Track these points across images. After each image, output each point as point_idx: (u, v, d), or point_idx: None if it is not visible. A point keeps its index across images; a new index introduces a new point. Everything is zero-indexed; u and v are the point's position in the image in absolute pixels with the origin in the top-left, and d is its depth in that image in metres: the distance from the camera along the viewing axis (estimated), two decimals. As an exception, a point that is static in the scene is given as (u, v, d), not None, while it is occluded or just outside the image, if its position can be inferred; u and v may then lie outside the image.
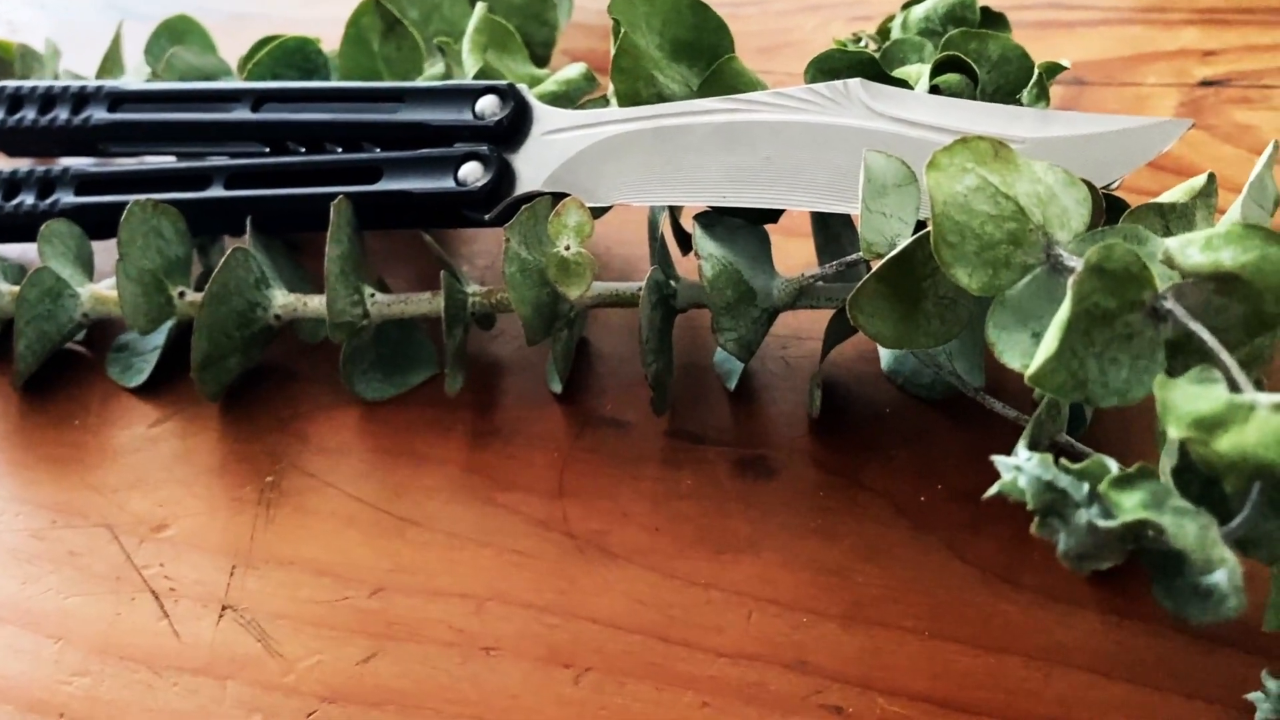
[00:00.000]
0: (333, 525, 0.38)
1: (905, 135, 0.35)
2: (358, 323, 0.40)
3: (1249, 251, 0.25)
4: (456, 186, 0.40)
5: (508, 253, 0.37)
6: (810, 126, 0.37)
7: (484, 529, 0.37)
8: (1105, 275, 0.24)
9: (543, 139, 0.40)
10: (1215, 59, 0.59)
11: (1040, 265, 0.28)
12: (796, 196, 0.36)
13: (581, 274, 0.37)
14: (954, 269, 0.27)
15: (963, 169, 0.28)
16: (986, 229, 0.28)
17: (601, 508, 0.37)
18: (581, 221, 0.37)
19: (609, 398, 0.41)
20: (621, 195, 0.39)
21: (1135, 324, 0.25)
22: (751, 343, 0.38)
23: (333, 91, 0.43)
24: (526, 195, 0.40)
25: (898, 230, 0.33)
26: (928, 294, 0.31)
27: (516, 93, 0.41)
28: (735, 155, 0.37)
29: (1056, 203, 0.28)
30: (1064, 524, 0.23)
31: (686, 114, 0.39)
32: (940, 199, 0.27)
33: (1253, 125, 0.53)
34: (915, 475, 0.37)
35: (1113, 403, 0.25)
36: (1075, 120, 0.34)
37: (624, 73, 0.40)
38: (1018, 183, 0.28)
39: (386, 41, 0.48)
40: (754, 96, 0.38)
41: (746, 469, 0.38)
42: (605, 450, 0.39)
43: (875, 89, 0.37)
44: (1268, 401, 0.22)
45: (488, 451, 0.39)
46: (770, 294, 0.38)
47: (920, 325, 0.31)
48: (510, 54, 0.47)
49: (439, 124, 0.41)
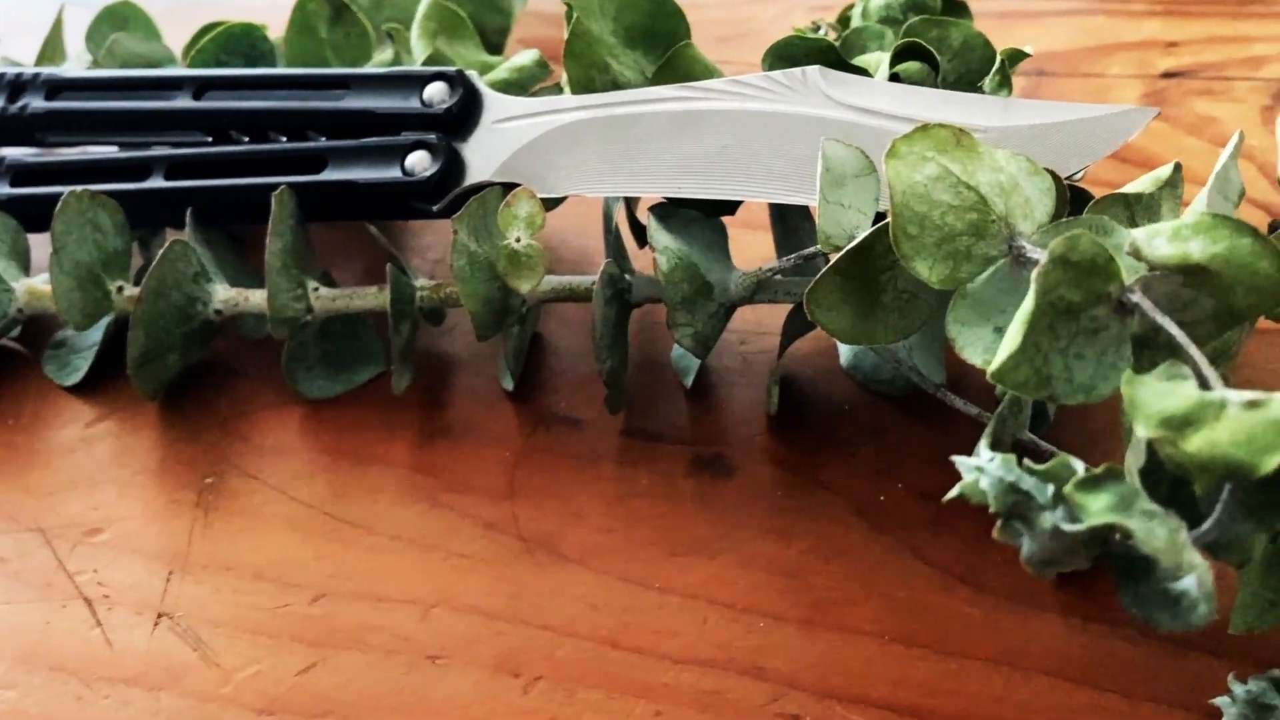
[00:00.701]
0: (274, 528, 0.36)
1: (864, 124, 0.34)
2: (300, 318, 0.39)
3: (1218, 242, 0.24)
4: (403, 176, 0.38)
5: (456, 245, 0.36)
6: (767, 115, 0.36)
7: (431, 532, 0.35)
8: (1070, 267, 0.24)
9: (493, 127, 0.39)
10: (1178, 50, 0.58)
11: (1003, 257, 0.27)
12: (754, 187, 0.35)
13: (533, 267, 0.36)
14: (914, 261, 0.26)
15: (923, 157, 0.27)
16: (947, 220, 0.27)
17: (553, 509, 0.36)
18: (533, 213, 0.36)
19: (563, 395, 0.40)
20: (574, 186, 0.37)
21: (1101, 318, 0.24)
22: (708, 338, 0.37)
23: (276, 79, 0.42)
24: (476, 185, 0.38)
25: (856, 222, 0.32)
26: (887, 287, 0.30)
27: (466, 80, 0.39)
28: (691, 144, 0.36)
29: (1019, 192, 0.27)
30: (1028, 527, 0.22)
31: (641, 102, 0.37)
32: (900, 188, 0.26)
33: (1215, 117, 0.53)
34: (875, 473, 0.36)
35: (1078, 400, 0.24)
36: (1039, 109, 0.33)
37: (577, 59, 0.38)
38: (979, 172, 0.27)
39: (335, 28, 0.47)
40: (710, 84, 0.37)
41: (704, 468, 0.37)
42: (558, 449, 0.38)
43: (834, 76, 0.36)
44: (1239, 399, 0.21)
45: (436, 451, 0.38)
46: (727, 288, 0.37)
47: (880, 320, 0.30)
48: (461, 40, 0.46)
49: (386, 112, 0.40)
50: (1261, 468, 0.20)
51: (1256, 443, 0.20)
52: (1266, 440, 0.20)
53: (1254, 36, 0.59)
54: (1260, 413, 0.20)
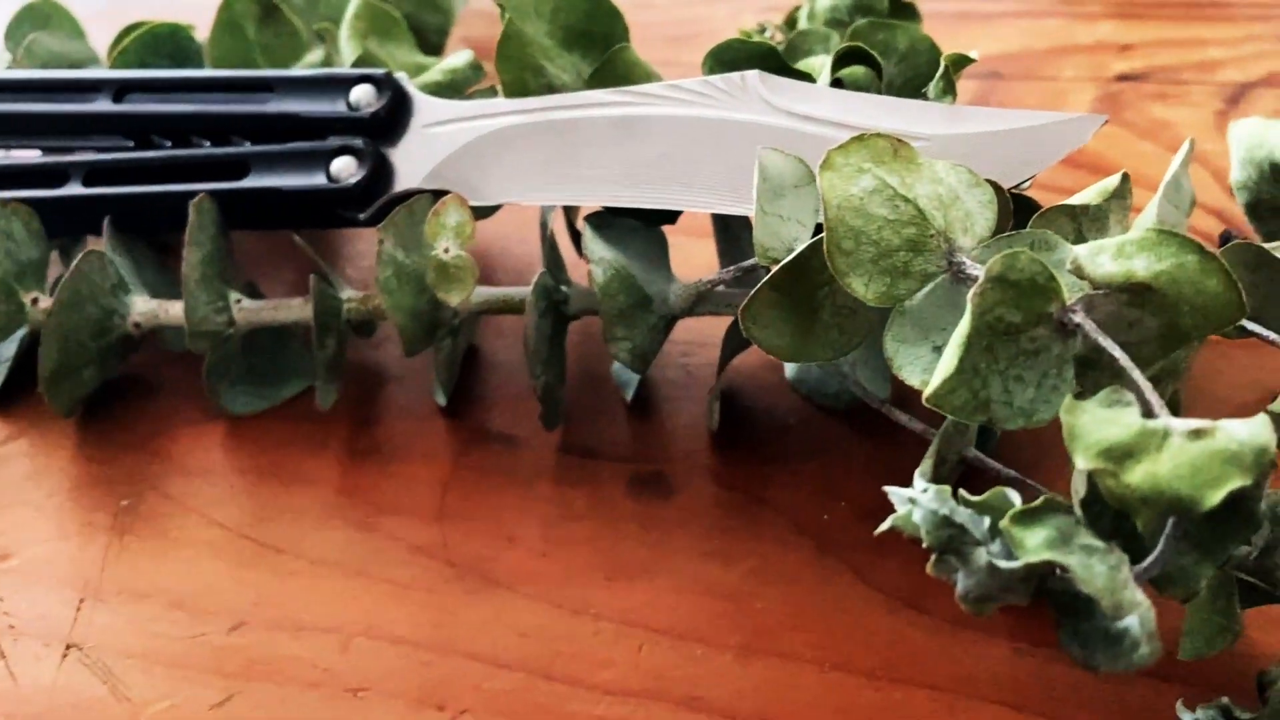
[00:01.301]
0: (192, 553, 0.34)
1: (804, 131, 0.33)
2: (222, 331, 0.37)
3: (1163, 259, 0.23)
4: (328, 183, 0.37)
5: (381, 256, 0.35)
6: (705, 121, 0.34)
7: (356, 556, 0.34)
8: (1009, 286, 0.22)
9: (423, 132, 0.37)
10: (1132, 53, 0.57)
11: (942, 273, 0.26)
12: (693, 197, 0.34)
13: (462, 279, 0.35)
14: (849, 278, 0.25)
15: (859, 169, 0.26)
16: (884, 235, 0.25)
17: (485, 531, 0.34)
18: (462, 222, 0.35)
19: (498, 410, 0.38)
20: (508, 194, 0.36)
21: (1042, 339, 0.23)
22: (647, 352, 0.35)
23: (199, 81, 0.40)
24: (405, 193, 0.37)
25: (795, 234, 0.31)
26: (825, 303, 0.29)
27: (394, 82, 0.38)
28: (628, 151, 0.35)
29: (959, 205, 0.26)
30: (962, 563, 0.21)
31: (577, 106, 0.36)
32: (834, 202, 0.25)
33: (1170, 121, 0.52)
34: (819, 491, 0.35)
35: (1018, 424, 0.23)
36: (984, 116, 0.32)
37: (509, 61, 0.37)
38: (917, 184, 0.26)
39: (264, 28, 0.45)
40: (647, 89, 0.35)
41: (643, 487, 0.36)
42: (492, 468, 0.36)
43: (774, 82, 0.34)
44: (1182, 428, 0.20)
45: (364, 470, 0.36)
46: (667, 300, 0.36)
47: (818, 336, 0.29)
48: (394, 41, 0.44)
49: (311, 116, 0.38)
50: (1205, 502, 0.19)
51: (1200, 475, 0.19)
52: (1211, 473, 0.19)
53: (1208, 39, 0.58)
54: (1204, 443, 0.19)
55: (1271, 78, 0.54)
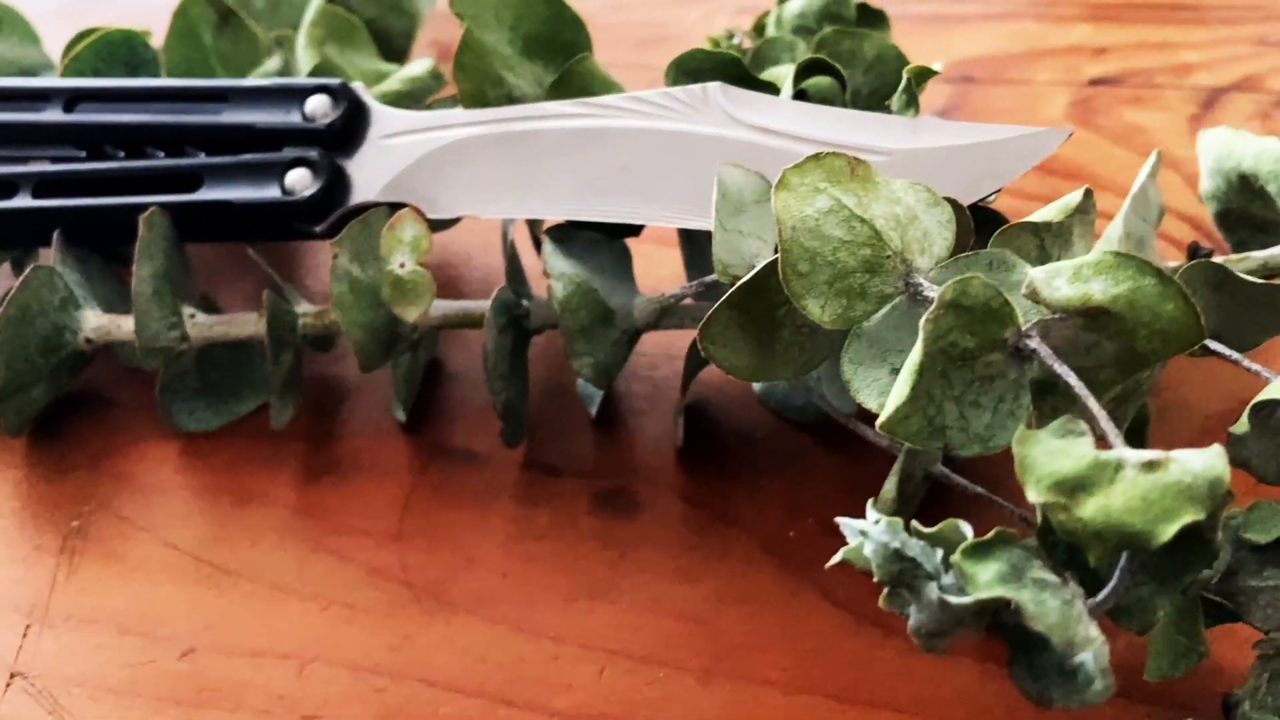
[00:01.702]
0: (143, 576, 0.34)
1: (765, 145, 0.33)
2: (175, 347, 0.37)
3: (1121, 283, 0.22)
4: (282, 196, 0.36)
5: (336, 271, 0.34)
6: (666, 134, 0.34)
7: (312, 578, 0.33)
8: (962, 312, 0.22)
9: (380, 143, 0.37)
10: (1107, 56, 0.57)
11: (899, 295, 0.25)
12: (654, 210, 0.33)
13: (419, 295, 0.34)
14: (804, 300, 0.25)
15: (814, 189, 0.25)
16: (840, 256, 0.25)
17: (444, 552, 0.34)
18: (418, 236, 0.34)
19: (460, 425, 0.38)
20: (466, 206, 0.35)
21: (997, 364, 0.23)
22: (610, 368, 0.35)
23: (152, 91, 0.39)
24: (361, 205, 0.36)
25: (756, 250, 0.30)
26: (785, 322, 0.28)
27: (350, 92, 0.37)
28: (588, 164, 0.34)
29: (917, 225, 0.26)
30: (914, 597, 0.20)
31: (536, 118, 0.35)
32: (789, 223, 0.25)
33: (1143, 126, 0.52)
34: (785, 507, 0.35)
35: (974, 450, 0.23)
36: (947, 130, 0.31)
37: (468, 71, 0.36)
38: (874, 204, 0.25)
39: (221, 34, 0.44)
40: (608, 100, 0.35)
41: (607, 504, 0.35)
42: (452, 486, 0.36)
43: (735, 94, 0.34)
44: (1136, 460, 0.19)
45: (321, 489, 0.36)
46: (630, 314, 0.35)
47: (778, 355, 0.28)
48: (354, 47, 0.43)
49: (265, 126, 0.37)
50: (1158, 537, 0.18)
51: (1153, 510, 0.18)
52: (1163, 507, 0.18)
53: (1181, 43, 0.57)
54: (1157, 476, 0.19)
55: (1244, 82, 0.54)
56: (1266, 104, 0.52)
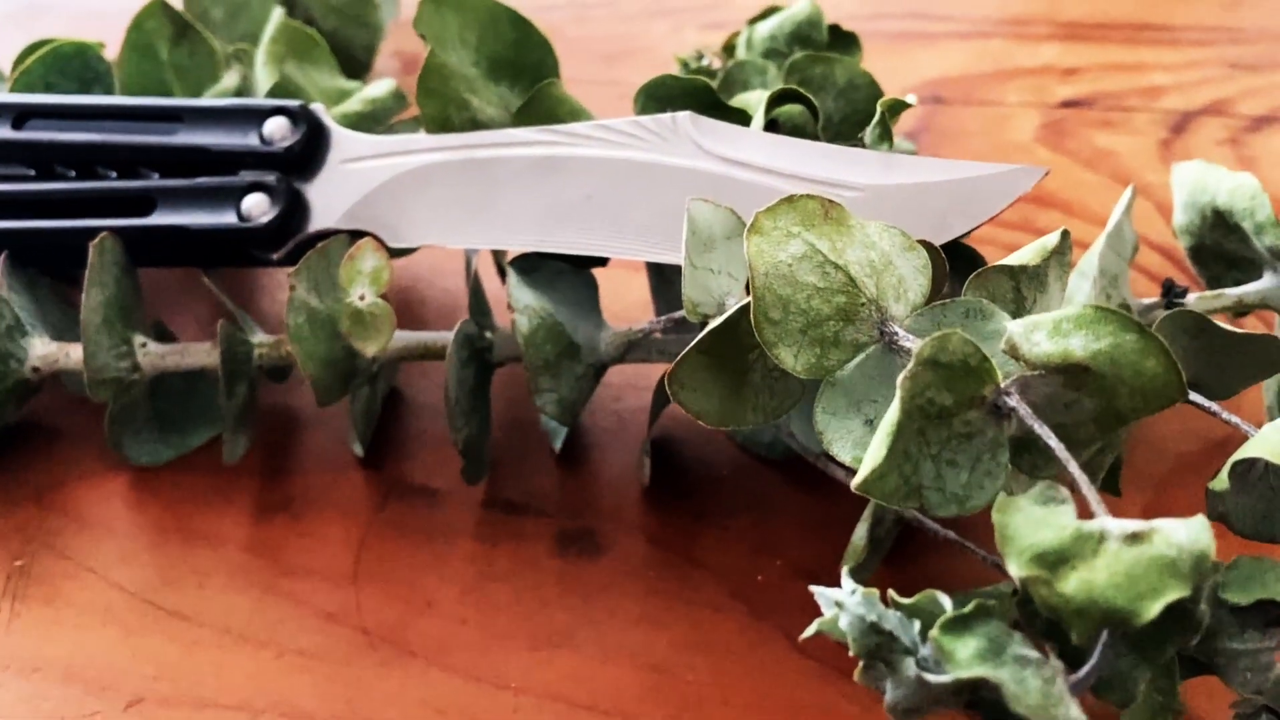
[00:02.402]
0: (89, 620, 0.32)
1: (735, 177, 0.32)
2: (125, 378, 0.35)
3: (1101, 339, 0.22)
4: (239, 222, 0.35)
5: (293, 302, 0.33)
6: (634, 164, 0.33)
7: (264, 623, 0.32)
8: (940, 369, 0.21)
9: (340, 168, 0.36)
10: (1077, 77, 0.57)
11: (873, 343, 0.25)
12: (621, 243, 0.32)
13: (379, 328, 0.33)
14: (777, 349, 0.24)
15: (787, 233, 0.24)
16: (813, 304, 0.24)
17: (402, 596, 0.33)
18: (378, 267, 0.33)
19: (419, 460, 0.37)
20: (428, 235, 0.34)
21: (975, 422, 0.22)
22: (575, 404, 0.34)
23: (104, 109, 0.38)
24: (320, 233, 0.35)
25: (727, 288, 0.29)
26: (756, 366, 0.27)
27: (310, 115, 0.36)
28: (554, 193, 0.33)
29: (892, 271, 0.25)
30: (891, 672, 0.19)
31: (501, 145, 0.34)
32: (761, 269, 0.24)
33: (1114, 150, 0.51)
34: (752, 549, 0.34)
35: (951, 511, 0.22)
36: (921, 166, 0.31)
37: (431, 95, 0.35)
38: (849, 249, 0.24)
39: (177, 48, 0.43)
40: (575, 128, 0.34)
41: (570, 544, 0.34)
42: (410, 524, 0.35)
43: (705, 124, 0.33)
44: (1119, 531, 0.19)
45: (274, 526, 0.35)
46: (596, 348, 0.34)
47: (748, 400, 0.27)
48: (315, 64, 0.42)
49: (222, 149, 0.36)
50: (1142, 615, 0.18)
51: (1137, 586, 0.18)
52: (1148, 583, 0.18)
53: (1151, 64, 0.57)
54: (1142, 549, 0.18)
55: (1214, 106, 0.54)
56: (1237, 129, 0.52)
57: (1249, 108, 0.53)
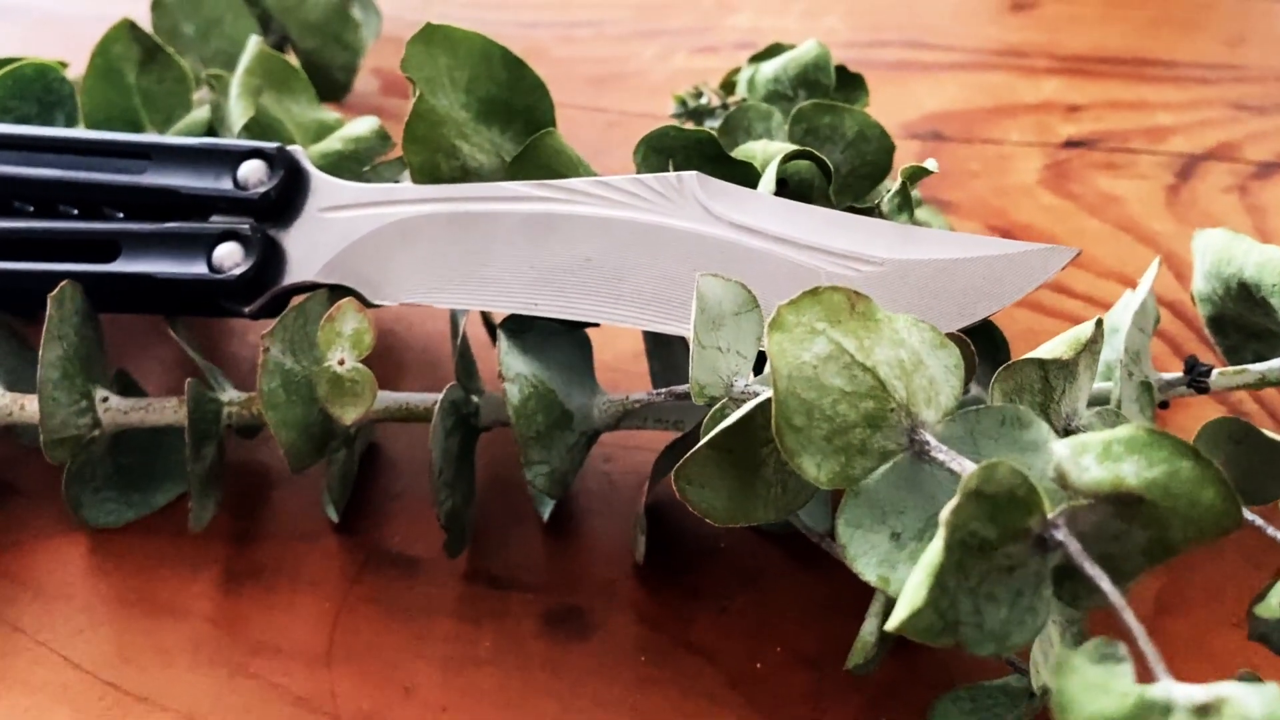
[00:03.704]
0: (40, 702, 0.30)
1: (745, 245, 0.30)
2: (85, 435, 0.33)
3: (1154, 466, 0.20)
4: (209, 272, 0.33)
5: (266, 365, 0.31)
6: (636, 226, 0.31)
7: (231, 708, 0.30)
8: (985, 500, 0.19)
9: (320, 217, 0.33)
10: (1079, 115, 0.55)
11: (902, 451, 0.23)
12: (619, 310, 0.30)
13: (358, 394, 0.31)
14: (799, 458, 0.22)
15: (811, 330, 0.22)
16: (839, 410, 0.22)
17: (379, 679, 0.31)
18: (360, 330, 0.31)
19: (397, 524, 0.35)
20: (413, 293, 0.32)
21: (1018, 555, 0.20)
22: (567, 475, 0.32)
23: (67, 142, 0.36)
24: (297, 286, 0.33)
25: (736, 367, 0.28)
26: (769, 460, 0.25)
27: (288, 158, 0.34)
28: (549, 254, 0.31)
29: (923, 372, 0.23)
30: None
31: (494, 199, 0.32)
32: (785, 371, 0.22)
33: (1119, 196, 0.50)
34: (752, 633, 0.32)
35: (989, 650, 0.20)
36: (943, 241, 0.29)
37: (419, 143, 0.33)
38: (877, 347, 0.23)
39: (145, 72, 0.40)
40: (573, 184, 0.32)
41: (558, 624, 0.32)
42: (388, 599, 0.33)
43: (713, 186, 0.31)
44: (1187, 701, 0.17)
45: (243, 598, 0.32)
46: (590, 415, 0.32)
47: (759, 495, 0.26)
48: (292, 95, 0.40)
49: (192, 192, 0.34)
50: (1218, 803, 0.16)
51: (1212, 770, 0.16)
52: (1224, 766, 0.16)
53: (1155, 103, 0.56)
54: (1215, 725, 0.16)
55: (1221, 149, 0.52)
56: (1244, 175, 0.51)
57: (1255, 152, 0.52)
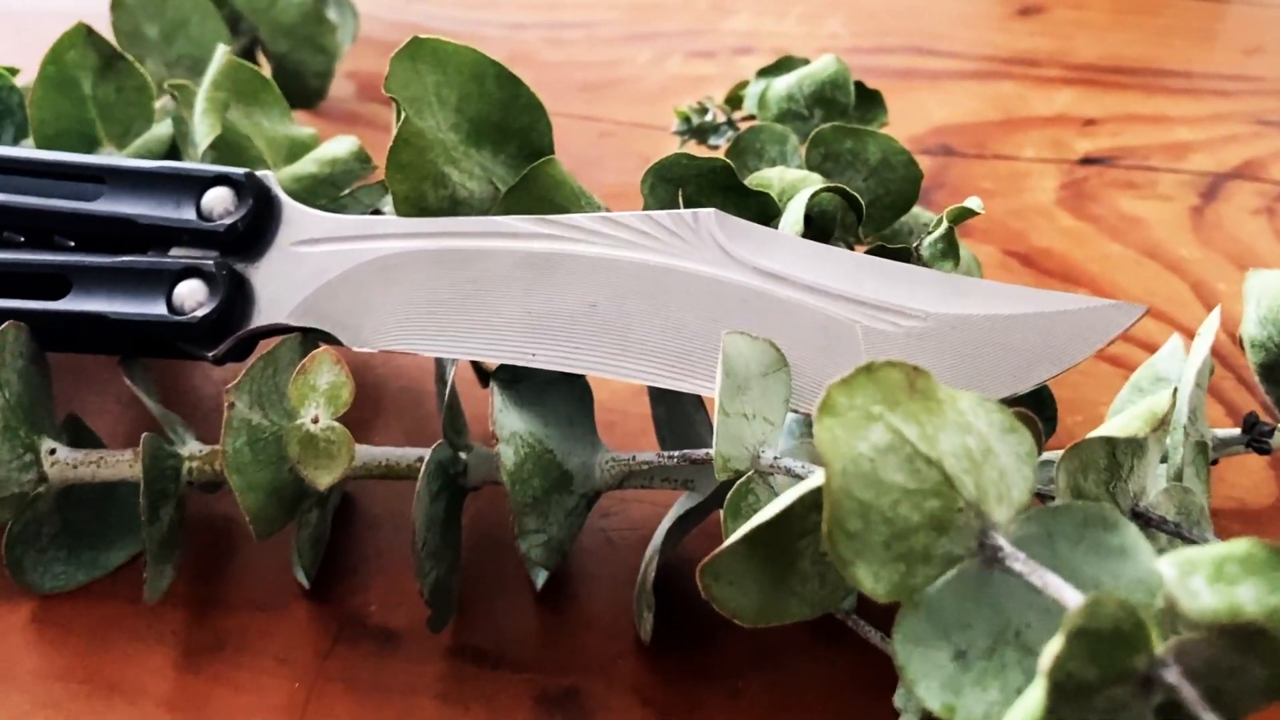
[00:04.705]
0: (-28, 802, 0.27)
1: (770, 294, 0.27)
2: (29, 492, 0.30)
3: (1276, 589, 0.17)
4: (169, 313, 0.29)
5: (231, 422, 0.27)
6: (647, 270, 0.28)
7: (189, 811, 0.27)
8: (1087, 638, 0.16)
9: (292, 251, 0.30)
10: (1096, 130, 0.52)
11: (970, 556, 0.20)
12: (626, 364, 0.27)
13: (333, 457, 0.27)
14: (854, 568, 0.19)
15: (867, 415, 0.19)
16: (901, 511, 0.19)
17: (356, 774, 0.28)
18: (336, 384, 0.27)
19: (376, 589, 0.31)
20: (393, 340, 0.29)
21: (1120, 698, 0.17)
22: (564, 542, 0.29)
23: (13, 162, 0.32)
24: (267, 329, 0.29)
25: (763, 436, 0.25)
26: (805, 552, 0.22)
27: (258, 185, 0.30)
28: (549, 299, 0.28)
29: (993, 462, 0.20)
30: None
31: (487, 235, 0.29)
32: (839, 465, 0.19)
33: (1141, 218, 0.47)
34: (766, 718, 0.29)
35: (1080, 803, 0.17)
36: (993, 294, 0.26)
37: (404, 170, 0.30)
38: (941, 434, 0.20)
39: (103, 81, 0.37)
40: (577, 220, 0.29)
41: (553, 708, 0.29)
42: (363, 678, 0.29)
43: (732, 225, 0.28)
44: None
45: (204, 676, 0.29)
46: (591, 475, 0.29)
47: (794, 589, 0.23)
48: (264, 108, 0.36)
49: (151, 222, 0.30)
50: None
51: None
52: None
53: (1174, 117, 0.53)
54: None
55: (1245, 168, 0.50)
56: (1271, 195, 0.48)
57: (1281, 172, 0.49)
